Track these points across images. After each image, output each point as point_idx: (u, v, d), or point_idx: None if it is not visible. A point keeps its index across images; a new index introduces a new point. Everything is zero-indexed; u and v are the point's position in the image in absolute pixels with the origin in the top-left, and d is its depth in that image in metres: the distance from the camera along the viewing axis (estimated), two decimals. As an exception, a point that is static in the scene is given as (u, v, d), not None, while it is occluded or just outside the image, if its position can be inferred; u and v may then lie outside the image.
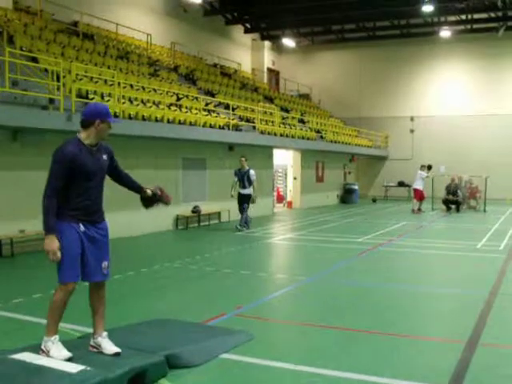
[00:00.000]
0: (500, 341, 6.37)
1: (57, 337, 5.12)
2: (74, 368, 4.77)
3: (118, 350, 5.21)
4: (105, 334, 5.32)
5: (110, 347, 5.24)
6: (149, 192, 5.84)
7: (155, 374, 5.08)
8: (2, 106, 11.57)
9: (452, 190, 24.23)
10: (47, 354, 5.05)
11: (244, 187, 16.87)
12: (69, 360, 4.98)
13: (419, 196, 23.91)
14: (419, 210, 23.78)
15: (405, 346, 6.23)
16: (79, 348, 5.34)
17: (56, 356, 5.00)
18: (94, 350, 5.30)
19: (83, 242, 5.10)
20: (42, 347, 5.10)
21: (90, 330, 5.40)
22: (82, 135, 5.19)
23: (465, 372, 5.32)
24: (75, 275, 5.06)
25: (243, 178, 16.83)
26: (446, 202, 24.31)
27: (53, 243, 4.88)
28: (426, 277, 10.58)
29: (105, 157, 5.34)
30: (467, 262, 12.18)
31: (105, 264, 5.28)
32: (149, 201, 5.93)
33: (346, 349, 6.07)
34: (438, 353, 5.95)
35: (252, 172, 16.86)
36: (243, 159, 17.05)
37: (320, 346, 6.18)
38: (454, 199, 24.05)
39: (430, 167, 24.82)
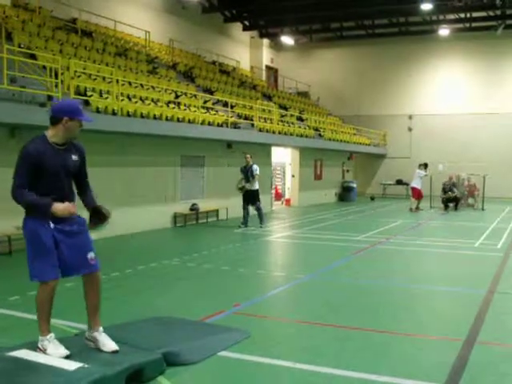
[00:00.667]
0: (498, 339, 6.38)
1: (52, 335, 5.11)
2: (71, 365, 4.77)
3: (115, 347, 5.19)
4: (101, 329, 5.28)
5: (107, 342, 5.21)
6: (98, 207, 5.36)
7: (152, 372, 5.07)
8: (0, 102, 11.54)
9: (448, 187, 24.26)
10: (44, 352, 5.04)
11: (248, 182, 16.99)
12: (66, 357, 4.98)
13: (417, 195, 23.93)
14: (417, 208, 23.80)
15: (403, 344, 6.23)
16: (77, 345, 5.33)
17: (53, 354, 5.00)
18: (90, 343, 5.28)
19: (56, 238, 4.96)
20: (39, 346, 5.10)
21: (86, 328, 5.39)
22: (49, 132, 5.06)
23: (462, 370, 5.33)
24: (54, 272, 4.95)
25: (247, 174, 16.99)
26: (445, 201, 24.32)
27: (60, 207, 4.86)
28: (424, 275, 10.58)
29: (74, 157, 5.15)
30: (465, 261, 12.18)
31: (91, 255, 5.13)
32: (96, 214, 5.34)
33: (344, 347, 6.07)
34: (435, 351, 5.95)
35: (255, 167, 17.04)
36: (248, 156, 17.24)
37: (318, 343, 6.18)
38: (452, 196, 24.07)
39: (426, 165, 24.86)
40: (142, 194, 16.19)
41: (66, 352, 5.02)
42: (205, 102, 20.03)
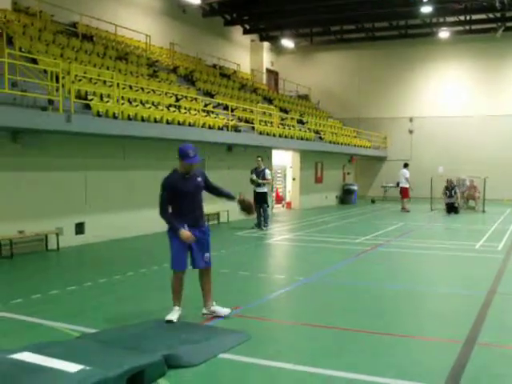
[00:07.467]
0: (497, 341, 6.40)
1: (177, 308, 6.93)
2: (73, 367, 4.79)
3: (228, 310, 7.09)
4: (214, 303, 7.16)
5: (220, 310, 7.09)
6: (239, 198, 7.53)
7: (154, 374, 5.10)
8: (2, 107, 11.57)
9: (450, 190, 24.18)
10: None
11: (259, 186, 17.41)
12: (68, 360, 4.99)
13: (407, 194, 24.44)
14: (404, 208, 24.33)
15: (403, 346, 6.25)
16: (78, 348, 5.36)
17: (171, 318, 6.73)
18: (208, 315, 7.10)
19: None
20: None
21: (88, 330, 5.41)
22: (178, 166, 6.92)
23: (462, 371, 5.35)
24: (180, 265, 6.88)
25: (258, 177, 17.35)
26: (448, 206, 24.17)
27: (185, 234, 6.72)
28: (425, 277, 10.60)
29: (199, 179, 6.93)
30: (466, 263, 12.20)
31: (206, 256, 7.07)
32: (242, 206, 7.54)
33: (344, 349, 6.09)
34: (435, 352, 5.97)
35: (267, 171, 17.57)
36: (259, 159, 17.66)
37: (319, 345, 6.20)
38: (452, 203, 23.89)
39: (406, 165, 25.59)
40: (142, 198, 16.20)
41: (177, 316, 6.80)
42: (205, 105, 20.08)
